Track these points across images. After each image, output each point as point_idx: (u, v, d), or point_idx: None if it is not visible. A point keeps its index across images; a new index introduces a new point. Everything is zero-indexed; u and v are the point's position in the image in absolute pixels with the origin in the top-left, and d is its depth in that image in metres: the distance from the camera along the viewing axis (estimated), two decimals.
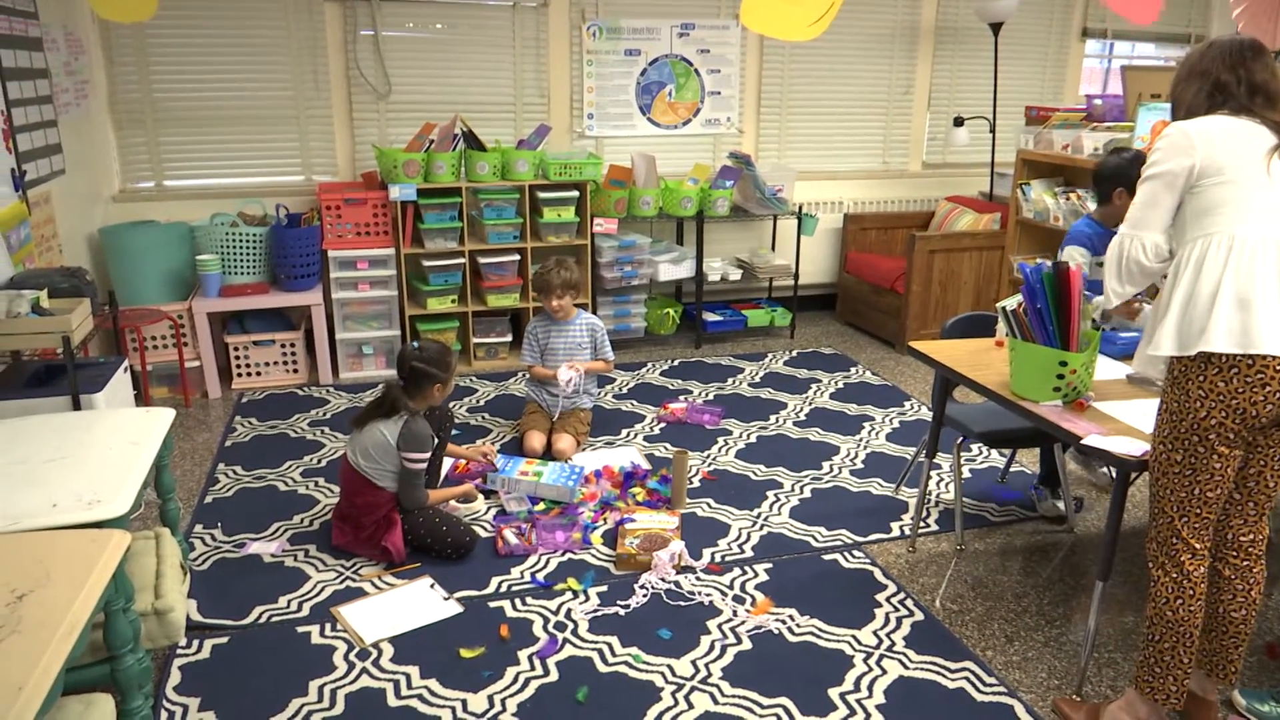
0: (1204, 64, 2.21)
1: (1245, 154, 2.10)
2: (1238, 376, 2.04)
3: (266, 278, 4.71)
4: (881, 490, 3.68)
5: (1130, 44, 6.58)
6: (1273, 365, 2.01)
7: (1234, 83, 2.16)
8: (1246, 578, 2.25)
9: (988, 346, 3.12)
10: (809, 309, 6.22)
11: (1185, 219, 2.18)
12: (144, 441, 2.48)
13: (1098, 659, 2.67)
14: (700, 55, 5.56)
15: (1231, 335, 2.03)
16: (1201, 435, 2.10)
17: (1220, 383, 2.06)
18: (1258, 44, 2.18)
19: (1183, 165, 2.14)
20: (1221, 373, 2.05)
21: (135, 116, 4.78)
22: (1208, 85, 2.19)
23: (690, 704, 2.44)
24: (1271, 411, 2.05)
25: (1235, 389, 2.04)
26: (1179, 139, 2.16)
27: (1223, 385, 2.05)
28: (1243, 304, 2.02)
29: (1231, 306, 2.03)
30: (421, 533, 3.07)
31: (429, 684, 2.50)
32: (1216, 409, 2.07)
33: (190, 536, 3.22)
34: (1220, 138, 2.12)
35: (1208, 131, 2.14)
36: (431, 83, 5.15)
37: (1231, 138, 2.12)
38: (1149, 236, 2.23)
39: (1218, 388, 2.06)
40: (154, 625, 2.20)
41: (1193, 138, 2.14)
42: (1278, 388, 2.02)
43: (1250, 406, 2.04)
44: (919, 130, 6.18)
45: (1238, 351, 2.02)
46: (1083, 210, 4.39)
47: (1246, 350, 2.01)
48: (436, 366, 3.12)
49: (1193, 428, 2.11)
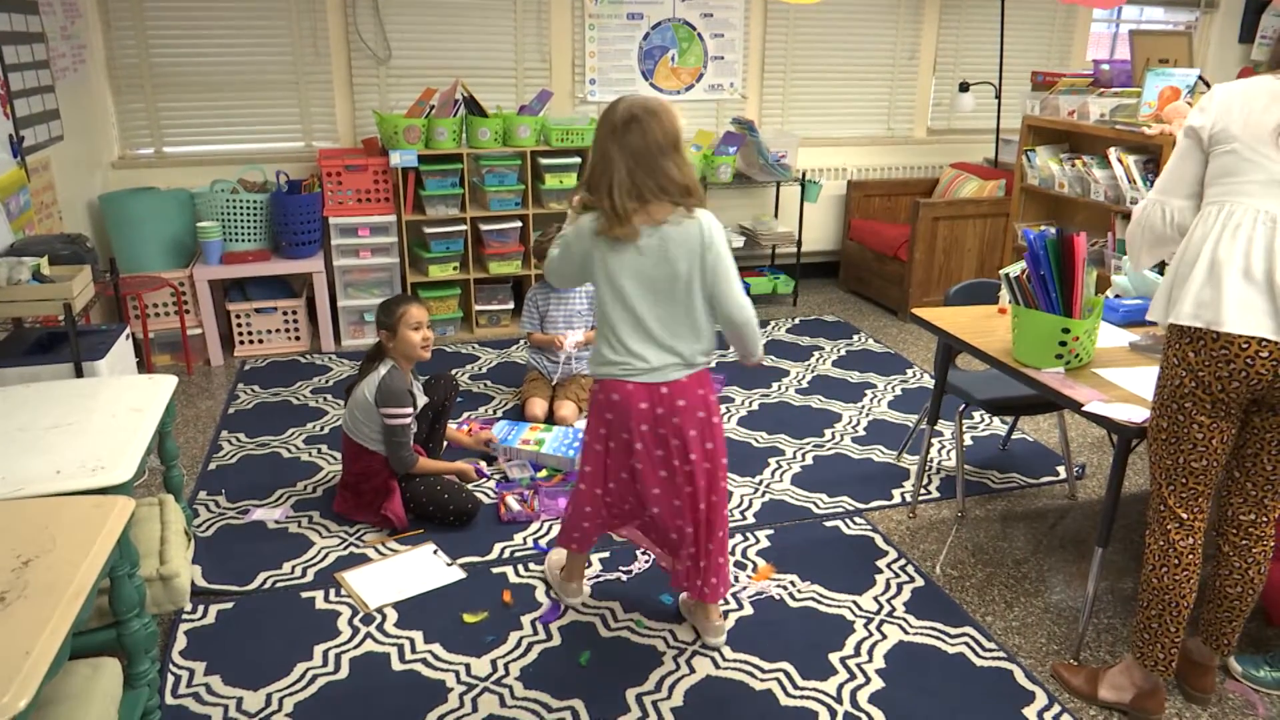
0: None
1: (1260, 124, 1.98)
2: (1205, 349, 2.02)
3: (268, 245, 4.70)
4: (883, 457, 3.69)
5: (1139, 9, 6.50)
6: (1237, 343, 1.98)
7: None
8: (1245, 557, 2.25)
9: (991, 314, 3.12)
10: (812, 276, 6.19)
11: (1206, 185, 2.09)
12: (147, 408, 2.48)
13: (1096, 625, 2.69)
14: (703, 19, 5.49)
15: (1199, 310, 2.01)
16: (1179, 403, 2.10)
17: (1190, 353, 2.05)
18: None
19: (1200, 124, 2.06)
20: (1191, 344, 2.05)
21: (134, 82, 4.74)
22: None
23: (692, 668, 2.46)
24: (1239, 389, 2.02)
25: (1202, 361, 2.03)
26: (1204, 100, 2.08)
27: (1192, 356, 2.05)
28: (1216, 279, 1.99)
29: (1205, 281, 2.00)
30: (424, 500, 3.08)
31: (432, 648, 2.52)
32: (1188, 378, 2.07)
33: (194, 503, 3.24)
34: (1239, 103, 2.01)
35: (1230, 95, 2.04)
36: (432, 47, 5.09)
37: (1253, 104, 2.00)
38: (1170, 202, 2.15)
39: (1188, 358, 2.06)
40: (159, 590, 2.21)
41: (1215, 99, 2.05)
42: (1243, 365, 1.99)
43: (1215, 381, 2.03)
44: (924, 96, 6.12)
45: (1202, 326, 2.01)
46: (1088, 177, 4.36)
47: (1210, 326, 1.99)
48: (382, 313, 3.11)
49: (1172, 394, 2.11)
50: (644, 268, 2.26)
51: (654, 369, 2.33)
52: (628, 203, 2.19)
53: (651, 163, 2.18)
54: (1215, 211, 2.03)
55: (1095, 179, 4.32)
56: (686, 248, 2.25)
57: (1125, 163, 4.11)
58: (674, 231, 2.23)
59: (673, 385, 2.35)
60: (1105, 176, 4.27)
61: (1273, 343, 1.97)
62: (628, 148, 2.18)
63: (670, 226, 2.23)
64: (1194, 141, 2.08)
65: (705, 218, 2.27)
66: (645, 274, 2.27)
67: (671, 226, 2.23)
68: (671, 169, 2.20)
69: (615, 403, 2.37)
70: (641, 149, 2.18)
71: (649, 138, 2.17)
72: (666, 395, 2.35)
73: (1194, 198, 2.12)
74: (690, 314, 2.32)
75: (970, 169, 5.75)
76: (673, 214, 2.23)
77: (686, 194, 2.23)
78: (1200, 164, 2.09)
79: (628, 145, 2.18)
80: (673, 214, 2.23)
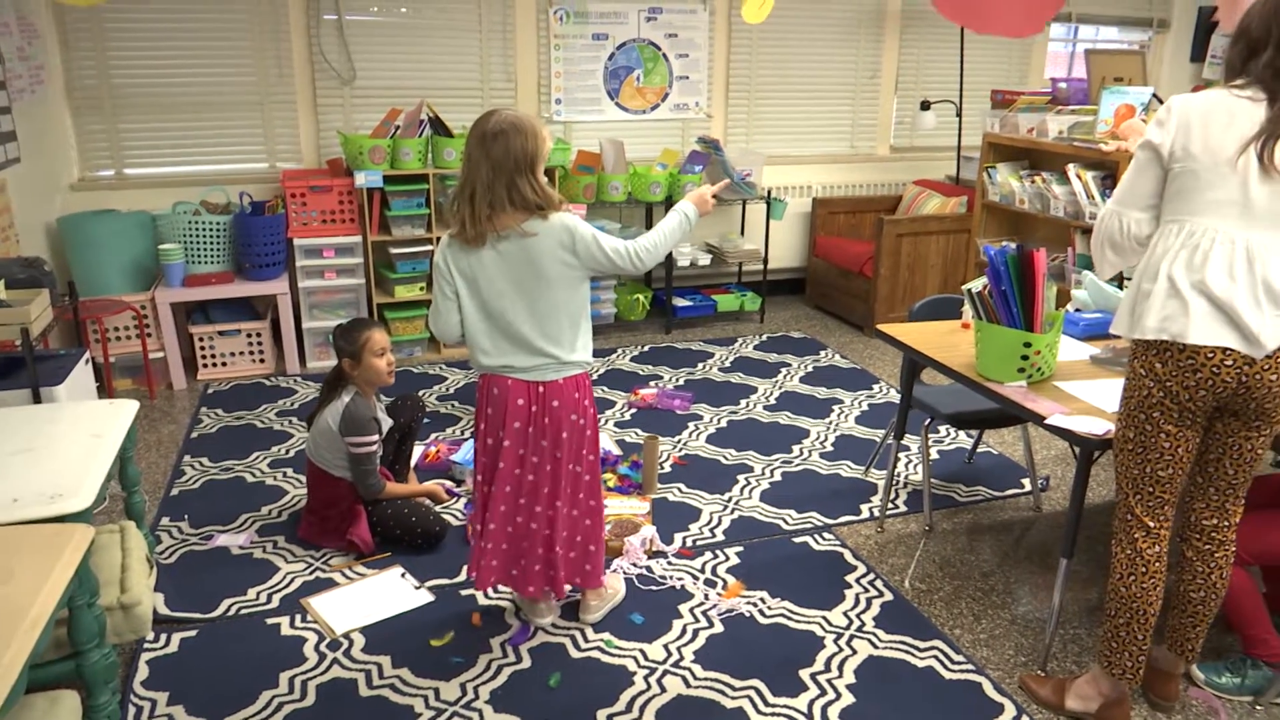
0: (1247, 19, 2.00)
1: (1219, 142, 1.99)
2: (1172, 361, 2.07)
3: (231, 267, 4.65)
4: (851, 472, 3.71)
5: (1094, 28, 6.64)
6: (1203, 353, 2.03)
7: (1264, 42, 1.96)
8: (1208, 561, 2.29)
9: (954, 329, 3.15)
10: (778, 293, 6.24)
11: (1165, 201, 2.11)
12: (107, 434, 2.44)
13: (1063, 635, 2.72)
14: (668, 40, 5.54)
15: (1165, 323, 2.05)
16: (1147, 413, 2.14)
17: (1157, 365, 2.10)
18: None
19: (1158, 142, 2.07)
20: (1159, 355, 2.09)
21: (93, 103, 4.68)
22: (1243, 46, 2.02)
23: (663, 687, 2.46)
24: (1205, 398, 2.07)
25: (1169, 372, 2.07)
26: (1162, 113, 2.08)
27: (1159, 368, 2.09)
28: (1177, 294, 2.03)
29: (1168, 295, 2.05)
30: (390, 524, 3.05)
31: (400, 673, 2.49)
32: (1155, 389, 2.11)
33: (156, 530, 3.19)
34: (1198, 120, 2.02)
35: (1188, 111, 2.04)
36: (397, 68, 5.09)
37: (1211, 122, 2.00)
38: (1127, 213, 2.16)
39: (1155, 369, 2.10)
40: (120, 620, 2.17)
41: (1174, 114, 2.05)
42: (1208, 375, 2.04)
43: (1182, 390, 2.07)
44: (886, 114, 6.20)
45: (1168, 339, 2.05)
46: (1047, 193, 4.44)
47: (1177, 339, 2.04)
48: (343, 339, 3.04)
49: (1140, 405, 2.15)
50: (507, 272, 2.36)
51: (527, 369, 2.42)
52: (483, 209, 2.30)
53: (509, 176, 2.29)
54: (1175, 230, 2.07)
55: (1055, 195, 4.40)
56: (551, 248, 2.34)
57: (1083, 178, 4.19)
58: (535, 236, 2.33)
59: (549, 385, 2.43)
60: (1064, 192, 4.35)
61: (1236, 352, 2.01)
62: (492, 158, 2.29)
63: (530, 231, 2.32)
64: (1152, 155, 2.10)
65: (563, 217, 2.36)
66: (510, 278, 2.36)
67: (531, 231, 2.32)
68: (525, 187, 2.31)
69: (495, 396, 2.46)
70: (502, 161, 2.28)
71: (510, 152, 2.28)
72: (543, 394, 2.43)
73: (1150, 210, 2.14)
74: (561, 315, 2.40)
75: (933, 186, 5.84)
76: (529, 220, 2.32)
77: (539, 208, 2.33)
78: (1158, 179, 2.11)
79: (493, 155, 2.29)
80: (529, 220, 2.32)
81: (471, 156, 2.33)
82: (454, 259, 2.41)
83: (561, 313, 2.40)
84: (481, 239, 2.34)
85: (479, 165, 2.31)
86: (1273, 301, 1.99)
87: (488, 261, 2.37)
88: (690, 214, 2.54)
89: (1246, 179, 1.97)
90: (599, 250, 2.37)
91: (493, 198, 2.30)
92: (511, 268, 2.36)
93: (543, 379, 2.43)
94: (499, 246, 2.34)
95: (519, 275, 2.36)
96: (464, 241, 2.37)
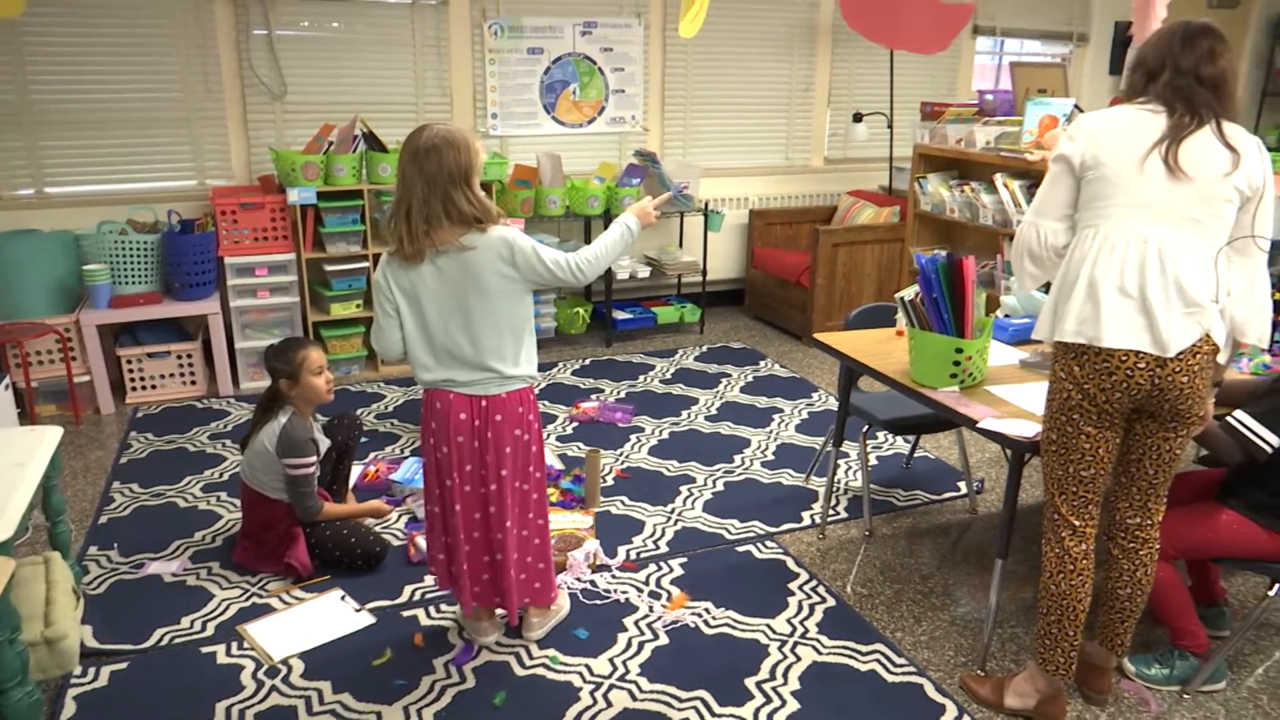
0: (1143, 50, 2.20)
1: (1126, 149, 2.10)
2: (1088, 363, 2.14)
3: (159, 287, 4.53)
4: (792, 480, 3.75)
5: (1019, 41, 6.83)
6: (1117, 356, 2.10)
7: (1160, 69, 2.13)
8: (1133, 559, 2.36)
9: (889, 336, 3.21)
10: (718, 304, 6.28)
11: (1079, 210, 2.21)
12: (29, 462, 2.36)
13: (1000, 634, 2.77)
14: (603, 54, 5.56)
15: (1081, 326, 2.13)
16: (1068, 415, 2.21)
17: (1075, 367, 2.17)
18: (1195, 29, 2.11)
19: (1070, 153, 2.18)
20: (1076, 359, 2.16)
21: (10, 119, 4.53)
22: (1142, 71, 2.18)
23: (609, 702, 2.45)
24: (1121, 400, 2.14)
25: (1087, 374, 2.15)
26: (1074, 128, 2.20)
27: (1077, 370, 2.16)
28: (1095, 298, 2.11)
29: (1085, 299, 2.12)
30: (329, 545, 2.99)
31: (342, 698, 2.45)
32: (1074, 391, 2.18)
33: (84, 559, 3.08)
34: (1105, 132, 2.14)
35: (1096, 124, 2.17)
36: (329, 83, 5.03)
37: (1118, 131, 2.13)
38: (1043, 224, 2.25)
39: (1073, 372, 2.17)
40: (44, 655, 2.10)
41: (1084, 128, 2.18)
42: (1124, 378, 2.11)
43: (1100, 393, 2.14)
44: (820, 126, 6.30)
45: (1084, 342, 2.13)
46: (976, 202, 4.55)
47: (1092, 342, 2.11)
48: (277, 360, 2.98)
49: (1061, 407, 2.22)
50: (447, 287, 2.35)
51: (469, 383, 2.41)
52: (420, 225, 2.29)
53: (443, 191, 2.28)
54: (1091, 234, 2.15)
55: (983, 204, 4.51)
56: (490, 262, 2.33)
57: (1010, 187, 4.30)
58: (474, 250, 2.32)
59: (491, 400, 2.42)
60: (992, 201, 4.46)
61: (1149, 355, 2.08)
62: (426, 173, 2.27)
63: (469, 245, 2.32)
64: (1065, 167, 2.20)
65: (501, 230, 2.35)
66: (450, 293, 2.35)
67: (470, 245, 2.32)
68: (460, 200, 2.30)
69: (438, 411, 2.44)
70: (436, 176, 2.27)
71: (444, 167, 2.27)
72: (485, 409, 2.42)
73: (1066, 219, 2.23)
74: (503, 329, 2.40)
75: (866, 196, 5.94)
76: (467, 234, 2.31)
77: (477, 221, 2.32)
78: (1071, 189, 2.20)
79: (426, 171, 2.28)
80: (467, 234, 2.31)
81: (405, 173, 2.31)
82: (394, 276, 2.38)
83: (504, 327, 2.39)
84: (420, 255, 2.32)
85: (413, 182, 2.29)
86: (1183, 301, 2.07)
87: (428, 277, 2.35)
88: (632, 226, 2.55)
89: (1155, 182, 2.08)
90: (539, 262, 2.37)
91: (429, 213, 2.28)
92: (451, 283, 2.34)
93: (485, 393, 2.42)
94: (438, 262, 2.33)
95: (459, 290, 2.34)
96: (403, 259, 2.34)
